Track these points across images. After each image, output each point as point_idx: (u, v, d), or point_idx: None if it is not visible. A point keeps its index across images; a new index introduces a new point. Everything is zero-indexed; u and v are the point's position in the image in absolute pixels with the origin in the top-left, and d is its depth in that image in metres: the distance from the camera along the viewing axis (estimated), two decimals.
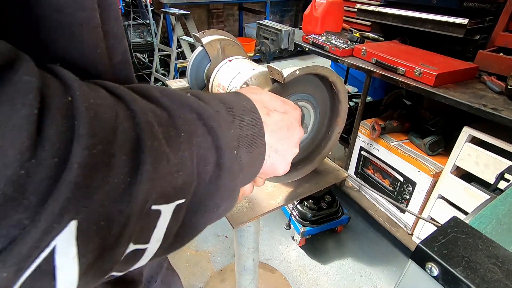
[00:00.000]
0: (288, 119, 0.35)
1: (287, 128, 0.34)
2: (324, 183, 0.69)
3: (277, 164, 0.34)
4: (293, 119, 0.35)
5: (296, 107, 0.37)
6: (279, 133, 0.33)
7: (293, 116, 0.36)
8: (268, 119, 0.32)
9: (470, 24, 1.16)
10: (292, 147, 0.35)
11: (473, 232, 0.35)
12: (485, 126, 1.10)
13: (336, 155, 2.09)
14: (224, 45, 0.76)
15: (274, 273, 1.53)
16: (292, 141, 0.35)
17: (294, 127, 0.35)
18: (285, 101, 0.36)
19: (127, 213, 0.18)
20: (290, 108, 0.36)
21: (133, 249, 0.20)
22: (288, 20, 5.01)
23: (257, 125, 0.29)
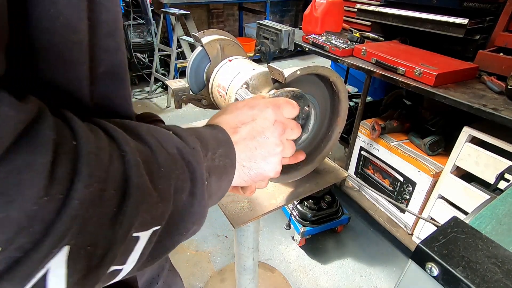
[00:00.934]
0: (256, 126, 0.35)
1: (258, 135, 0.35)
2: (324, 182, 0.69)
3: (263, 170, 0.36)
4: (262, 122, 0.36)
5: (266, 105, 0.37)
6: (251, 144, 0.35)
7: (263, 119, 0.36)
8: (236, 137, 0.34)
9: (470, 24, 1.16)
10: (271, 150, 0.36)
11: (473, 232, 0.35)
12: (485, 126, 1.10)
13: (336, 155, 2.09)
14: (223, 45, 0.76)
15: (274, 272, 1.53)
16: (268, 145, 0.36)
17: (266, 129, 0.36)
18: (253, 106, 0.37)
19: (112, 239, 0.21)
20: (258, 112, 0.36)
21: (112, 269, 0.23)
22: (288, 20, 5.01)
23: (229, 156, 0.32)
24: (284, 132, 0.37)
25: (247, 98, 0.42)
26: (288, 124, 0.38)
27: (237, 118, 0.36)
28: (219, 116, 0.37)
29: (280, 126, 0.37)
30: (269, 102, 0.37)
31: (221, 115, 0.37)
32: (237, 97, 0.53)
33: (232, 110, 0.37)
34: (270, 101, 0.38)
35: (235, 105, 0.38)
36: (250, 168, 0.35)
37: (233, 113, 0.36)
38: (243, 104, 0.37)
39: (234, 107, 0.37)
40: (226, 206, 0.60)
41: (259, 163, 0.35)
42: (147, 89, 3.46)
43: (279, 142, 0.36)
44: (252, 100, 0.38)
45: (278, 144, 0.36)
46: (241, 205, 0.61)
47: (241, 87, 0.63)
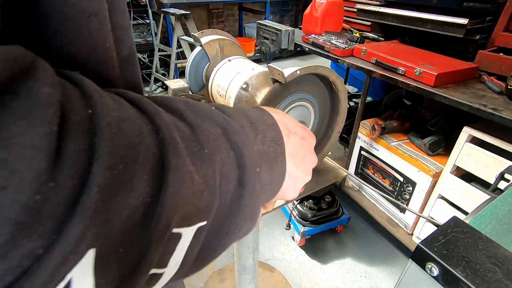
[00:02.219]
0: (306, 145, 0.33)
1: (304, 153, 0.33)
2: (324, 181, 0.69)
3: (288, 189, 0.32)
4: (310, 145, 0.34)
5: (313, 135, 0.37)
6: (296, 158, 0.31)
7: (310, 143, 0.35)
8: (287, 141, 0.30)
9: (470, 24, 1.16)
10: (305, 174, 0.34)
11: (473, 232, 0.35)
12: (485, 126, 1.10)
13: (336, 155, 2.09)
14: (223, 45, 0.76)
15: (273, 272, 1.53)
16: (306, 168, 0.33)
17: (311, 153, 0.34)
18: (304, 127, 0.35)
19: (148, 238, 0.17)
20: (308, 135, 0.35)
21: (151, 273, 0.19)
22: (288, 20, 5.01)
23: (278, 142, 0.28)
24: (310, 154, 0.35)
25: None
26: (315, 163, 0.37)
27: (292, 125, 0.33)
28: (274, 112, 0.33)
29: (316, 159, 0.36)
30: (313, 136, 0.37)
31: (277, 112, 0.33)
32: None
33: (288, 116, 0.34)
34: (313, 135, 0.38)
35: (285, 115, 0.35)
36: (296, 175, 0.32)
37: (289, 118, 0.34)
38: (295, 120, 0.35)
39: (287, 115, 0.34)
40: None
41: (290, 180, 0.32)
42: (147, 89, 3.46)
43: (311, 172, 0.35)
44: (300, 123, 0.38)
45: (310, 173, 0.35)
46: None
47: (240, 87, 0.63)
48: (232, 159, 0.22)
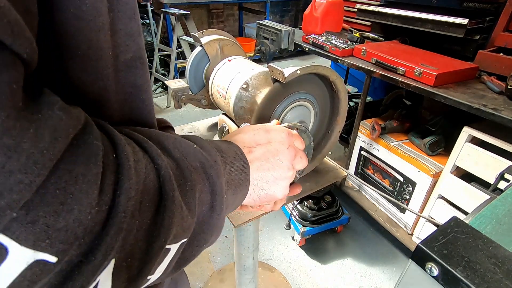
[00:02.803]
0: (272, 148, 0.36)
1: (272, 157, 0.36)
2: (324, 181, 0.69)
3: (273, 192, 0.37)
4: (277, 145, 0.37)
5: (282, 130, 0.38)
6: (265, 165, 0.35)
7: (278, 142, 0.37)
8: (250, 156, 0.35)
9: (470, 24, 1.16)
10: (283, 173, 0.37)
11: (473, 232, 0.35)
12: (485, 126, 1.10)
13: (336, 155, 2.09)
14: (223, 45, 0.76)
15: (273, 272, 1.53)
16: (281, 168, 0.36)
17: (280, 152, 0.37)
18: (268, 130, 0.38)
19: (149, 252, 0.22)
20: (274, 135, 0.37)
21: None
22: (288, 20, 5.01)
23: (244, 171, 0.33)
24: (295, 158, 0.38)
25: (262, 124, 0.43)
26: (298, 151, 0.39)
27: (252, 139, 0.37)
28: (234, 135, 0.38)
29: (293, 151, 0.38)
30: (285, 129, 0.39)
31: (236, 134, 0.38)
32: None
33: (248, 131, 0.38)
34: (285, 129, 0.39)
35: (251, 126, 0.39)
36: (261, 188, 0.36)
37: (248, 133, 0.37)
38: (259, 127, 0.38)
39: (250, 128, 0.39)
40: None
41: (270, 184, 0.36)
42: None
43: (290, 166, 0.37)
44: (267, 125, 0.40)
45: (290, 168, 0.37)
46: None
47: (240, 86, 0.63)
48: (207, 188, 0.28)
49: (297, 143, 0.40)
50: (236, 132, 0.39)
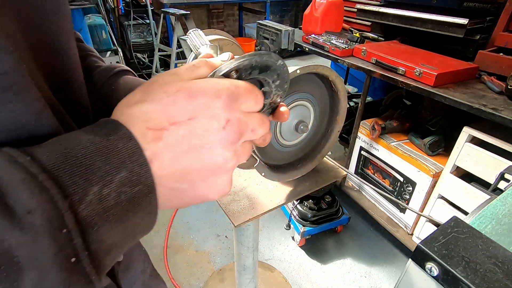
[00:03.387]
0: (196, 128, 0.23)
1: (198, 142, 0.23)
2: (324, 181, 0.69)
3: (203, 193, 0.25)
4: (207, 122, 0.23)
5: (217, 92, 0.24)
6: (186, 157, 0.23)
7: (209, 117, 0.23)
8: (159, 146, 0.21)
9: (470, 24, 1.16)
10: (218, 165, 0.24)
11: (473, 232, 0.35)
12: (485, 126, 1.10)
13: (336, 155, 2.09)
14: (222, 45, 0.76)
15: (273, 272, 1.53)
16: (213, 157, 0.24)
17: (211, 134, 0.23)
18: (193, 93, 0.23)
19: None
20: (202, 104, 0.23)
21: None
22: (288, 20, 5.01)
23: (140, 182, 0.20)
24: (240, 138, 0.25)
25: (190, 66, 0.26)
26: (248, 124, 0.25)
27: (164, 112, 0.22)
28: (132, 105, 0.23)
29: (235, 129, 0.24)
30: (223, 90, 0.24)
31: (136, 102, 0.23)
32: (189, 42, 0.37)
33: (158, 95, 0.23)
34: (224, 88, 0.24)
35: (164, 86, 0.23)
36: (183, 191, 0.24)
37: (159, 101, 0.22)
38: (177, 87, 0.23)
39: (161, 90, 0.23)
40: (226, 205, 0.60)
41: (197, 184, 0.24)
42: None
43: (230, 155, 0.24)
44: (194, 82, 0.24)
45: (229, 158, 0.24)
46: (241, 204, 0.61)
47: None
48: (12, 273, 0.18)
49: (247, 105, 0.25)
50: (137, 95, 0.23)
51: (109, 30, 2.95)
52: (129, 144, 0.20)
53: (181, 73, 0.25)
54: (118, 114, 0.23)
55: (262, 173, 0.59)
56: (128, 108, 0.23)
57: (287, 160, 0.67)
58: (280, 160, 0.66)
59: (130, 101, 0.23)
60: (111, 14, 3.24)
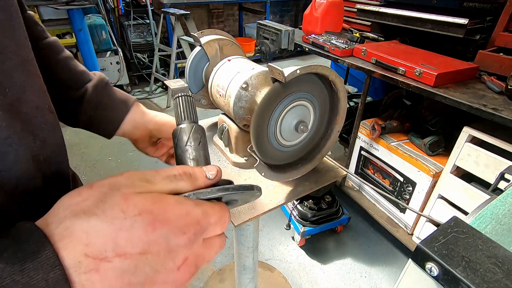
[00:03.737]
0: (146, 265, 0.19)
1: (144, 280, 0.19)
2: (324, 181, 0.68)
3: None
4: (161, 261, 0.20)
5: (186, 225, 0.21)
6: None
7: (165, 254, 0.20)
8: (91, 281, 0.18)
9: (470, 24, 1.16)
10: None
11: (473, 232, 0.35)
12: (485, 126, 1.10)
13: (336, 155, 2.09)
14: (222, 45, 0.76)
15: (273, 271, 1.53)
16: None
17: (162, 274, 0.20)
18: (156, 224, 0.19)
19: None
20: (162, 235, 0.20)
21: None
22: (288, 20, 5.01)
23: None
24: (196, 271, 0.23)
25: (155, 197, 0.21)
26: (205, 256, 0.23)
27: (114, 239, 0.18)
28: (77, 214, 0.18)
29: (190, 269, 0.22)
30: (191, 225, 0.21)
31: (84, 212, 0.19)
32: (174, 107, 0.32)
33: (113, 213, 0.19)
34: (193, 222, 0.21)
35: (126, 200, 0.19)
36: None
37: (111, 221, 0.19)
38: (140, 209, 0.19)
39: (120, 206, 0.19)
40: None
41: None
42: (147, 89, 3.46)
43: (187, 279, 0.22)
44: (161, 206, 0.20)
45: None
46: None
47: (240, 86, 0.62)
48: None
49: (214, 233, 0.23)
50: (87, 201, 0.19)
51: (109, 30, 2.95)
52: (51, 275, 0.16)
53: (156, 181, 0.21)
54: (54, 220, 0.18)
55: (262, 173, 0.59)
56: (71, 218, 0.18)
57: (287, 160, 0.67)
58: (280, 160, 0.66)
59: (77, 206, 0.19)
60: (111, 14, 3.24)
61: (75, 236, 0.18)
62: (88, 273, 0.17)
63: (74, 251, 0.17)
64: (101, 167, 2.26)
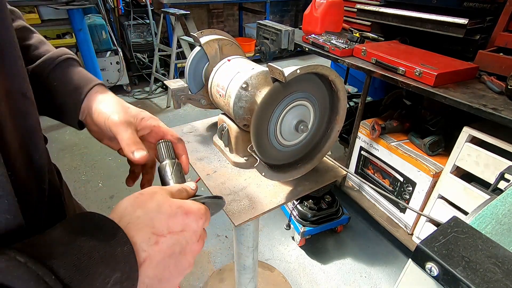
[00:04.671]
0: (183, 240, 0.31)
1: (180, 252, 0.30)
2: (324, 180, 0.68)
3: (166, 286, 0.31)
4: (190, 236, 0.31)
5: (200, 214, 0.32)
6: (169, 261, 0.29)
7: (192, 231, 0.32)
8: (154, 250, 0.28)
9: (470, 24, 1.16)
10: (182, 270, 0.31)
11: (473, 232, 0.35)
12: (485, 126, 1.10)
13: (336, 155, 2.09)
14: (222, 45, 0.76)
15: (273, 271, 1.53)
16: (182, 265, 0.31)
17: (189, 245, 0.32)
18: (188, 212, 0.31)
19: None
20: (192, 221, 0.31)
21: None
22: (288, 20, 5.01)
23: (129, 278, 0.26)
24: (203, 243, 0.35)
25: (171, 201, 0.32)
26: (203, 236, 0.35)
27: (167, 222, 0.29)
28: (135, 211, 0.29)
29: (202, 243, 0.34)
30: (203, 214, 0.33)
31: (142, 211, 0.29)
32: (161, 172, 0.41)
33: (164, 208, 0.30)
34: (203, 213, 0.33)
35: (167, 202, 0.31)
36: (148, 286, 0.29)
37: (164, 212, 0.30)
38: (177, 206, 0.31)
39: (166, 205, 0.30)
40: (227, 205, 0.60)
41: (162, 283, 0.30)
42: (147, 89, 3.46)
43: (192, 261, 0.33)
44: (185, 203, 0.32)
45: (191, 264, 0.33)
46: (241, 203, 0.61)
47: (240, 86, 0.62)
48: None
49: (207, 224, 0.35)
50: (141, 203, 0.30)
51: (109, 30, 2.95)
52: (124, 248, 0.26)
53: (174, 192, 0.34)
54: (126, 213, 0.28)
55: (262, 172, 0.59)
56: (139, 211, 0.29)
57: (287, 159, 0.67)
58: (280, 160, 0.66)
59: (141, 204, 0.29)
60: (111, 14, 3.24)
61: (145, 222, 0.28)
62: (152, 245, 0.28)
63: (145, 231, 0.28)
64: (101, 167, 2.26)
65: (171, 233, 0.29)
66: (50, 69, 0.42)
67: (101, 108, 0.42)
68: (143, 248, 0.27)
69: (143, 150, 0.40)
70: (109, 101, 0.43)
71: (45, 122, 2.78)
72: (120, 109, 0.42)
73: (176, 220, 0.30)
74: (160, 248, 0.28)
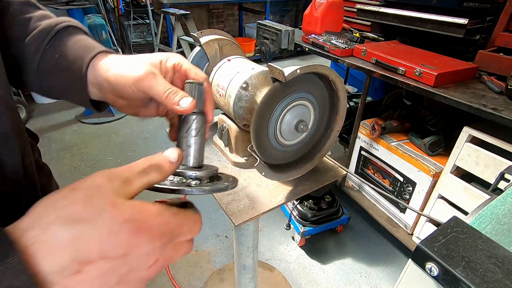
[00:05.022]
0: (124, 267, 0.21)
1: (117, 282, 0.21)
2: (324, 180, 0.68)
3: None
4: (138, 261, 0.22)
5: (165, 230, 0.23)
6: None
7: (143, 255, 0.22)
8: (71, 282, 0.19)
9: (470, 24, 1.16)
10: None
11: (473, 232, 0.35)
12: (485, 126, 1.10)
13: (336, 155, 2.09)
14: (222, 45, 0.76)
15: (273, 271, 1.53)
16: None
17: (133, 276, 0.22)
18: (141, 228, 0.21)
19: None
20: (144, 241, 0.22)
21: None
22: (288, 20, 5.01)
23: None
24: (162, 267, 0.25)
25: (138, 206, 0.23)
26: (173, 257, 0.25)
27: (102, 244, 0.20)
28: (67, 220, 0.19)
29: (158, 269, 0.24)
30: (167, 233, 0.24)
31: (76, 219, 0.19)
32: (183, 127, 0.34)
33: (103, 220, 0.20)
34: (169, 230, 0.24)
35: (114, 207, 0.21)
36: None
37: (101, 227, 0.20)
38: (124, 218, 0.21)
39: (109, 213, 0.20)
40: (227, 204, 0.60)
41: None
42: None
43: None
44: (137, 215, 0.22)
45: None
46: (241, 203, 0.61)
47: (240, 86, 0.62)
48: None
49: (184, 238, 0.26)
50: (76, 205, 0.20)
51: (109, 30, 2.95)
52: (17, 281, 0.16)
53: (133, 180, 0.23)
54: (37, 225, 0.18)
55: (262, 172, 0.59)
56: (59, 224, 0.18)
57: (287, 159, 0.67)
58: (280, 159, 0.66)
59: (64, 210, 0.19)
60: (111, 14, 3.24)
61: (64, 242, 0.19)
62: (72, 276, 0.19)
63: (62, 257, 0.18)
64: (101, 167, 2.26)
65: (105, 259, 0.20)
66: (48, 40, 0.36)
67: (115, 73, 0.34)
68: (53, 280, 0.18)
69: (189, 96, 0.32)
70: (120, 62, 0.35)
71: (45, 122, 2.78)
72: (137, 64, 0.34)
73: (117, 240, 0.20)
74: (83, 279, 0.19)
